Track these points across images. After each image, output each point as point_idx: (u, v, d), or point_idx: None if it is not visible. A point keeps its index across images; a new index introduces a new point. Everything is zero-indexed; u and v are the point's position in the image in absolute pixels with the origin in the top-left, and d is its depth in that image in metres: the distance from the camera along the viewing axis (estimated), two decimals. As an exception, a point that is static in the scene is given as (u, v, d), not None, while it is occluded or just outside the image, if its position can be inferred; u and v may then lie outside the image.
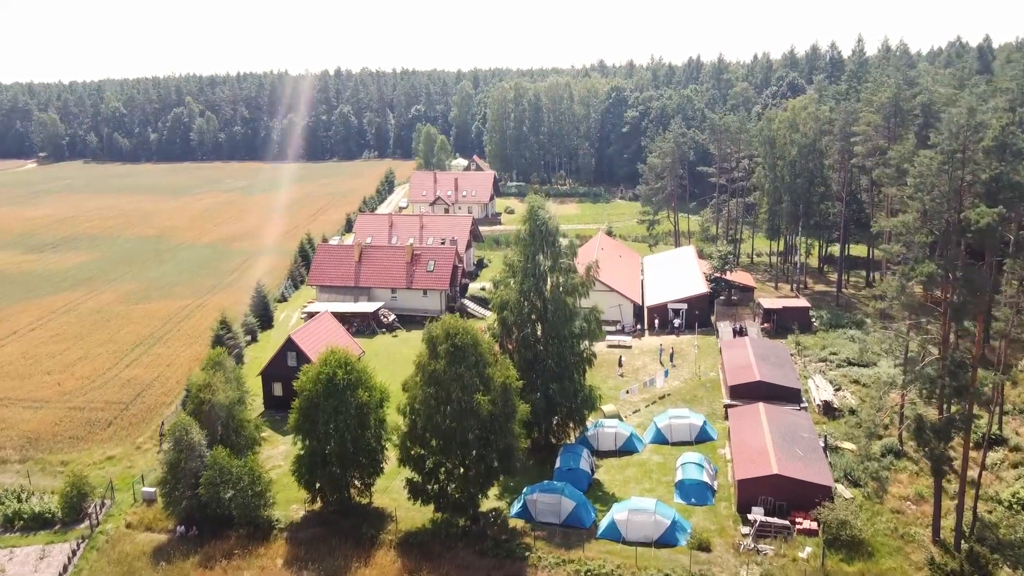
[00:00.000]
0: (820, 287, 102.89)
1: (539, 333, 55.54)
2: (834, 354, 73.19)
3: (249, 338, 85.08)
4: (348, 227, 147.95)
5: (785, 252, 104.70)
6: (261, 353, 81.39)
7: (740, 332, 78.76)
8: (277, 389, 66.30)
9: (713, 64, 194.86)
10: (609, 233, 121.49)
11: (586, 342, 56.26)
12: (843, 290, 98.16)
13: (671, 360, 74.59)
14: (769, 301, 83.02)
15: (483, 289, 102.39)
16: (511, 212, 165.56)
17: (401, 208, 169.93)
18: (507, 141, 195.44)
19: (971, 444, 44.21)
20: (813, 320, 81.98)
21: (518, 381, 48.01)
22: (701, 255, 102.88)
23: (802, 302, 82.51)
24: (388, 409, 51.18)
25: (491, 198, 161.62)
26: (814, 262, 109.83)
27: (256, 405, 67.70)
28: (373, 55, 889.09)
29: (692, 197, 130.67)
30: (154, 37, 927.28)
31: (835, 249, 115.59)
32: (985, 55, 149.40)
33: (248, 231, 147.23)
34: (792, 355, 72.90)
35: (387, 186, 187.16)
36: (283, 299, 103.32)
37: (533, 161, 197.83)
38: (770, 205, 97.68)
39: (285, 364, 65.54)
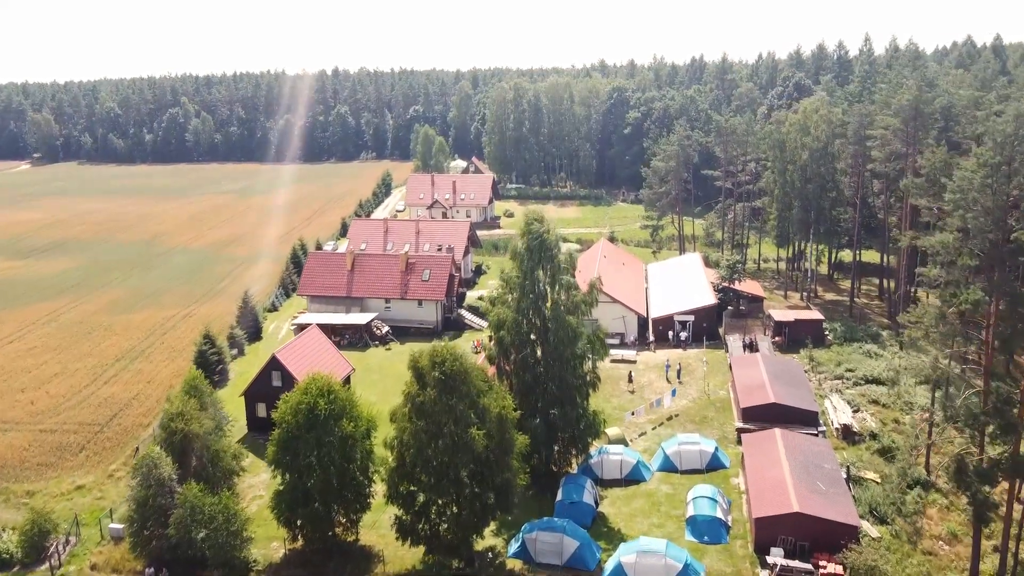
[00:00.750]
0: (831, 295, 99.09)
1: (539, 354, 51.69)
2: (851, 371, 69.33)
3: (236, 351, 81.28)
4: (344, 231, 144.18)
5: (794, 259, 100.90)
6: (248, 368, 77.53)
7: (751, 347, 74.94)
8: (261, 410, 62.49)
9: (717, 64, 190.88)
10: (611, 239, 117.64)
11: (590, 363, 52.41)
12: (855, 299, 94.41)
13: (678, 377, 70.77)
14: (780, 313, 79.21)
15: (481, 298, 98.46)
16: (510, 215, 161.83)
17: (398, 211, 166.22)
18: (506, 143, 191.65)
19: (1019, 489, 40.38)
20: (827, 333, 78.15)
21: (515, 411, 44.21)
22: (707, 262, 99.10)
23: (815, 314, 78.68)
24: (377, 439, 47.36)
25: (490, 201, 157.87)
26: (823, 269, 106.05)
27: (239, 427, 64.04)
28: (371, 54, 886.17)
29: (697, 201, 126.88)
30: (150, 36, 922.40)
31: (845, 255, 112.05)
32: (1000, 54, 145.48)
33: (242, 235, 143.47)
34: (806, 372, 69.10)
35: (384, 188, 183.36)
36: (274, 308, 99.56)
37: (533, 163, 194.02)
38: (779, 211, 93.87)
39: (269, 384, 61.72)
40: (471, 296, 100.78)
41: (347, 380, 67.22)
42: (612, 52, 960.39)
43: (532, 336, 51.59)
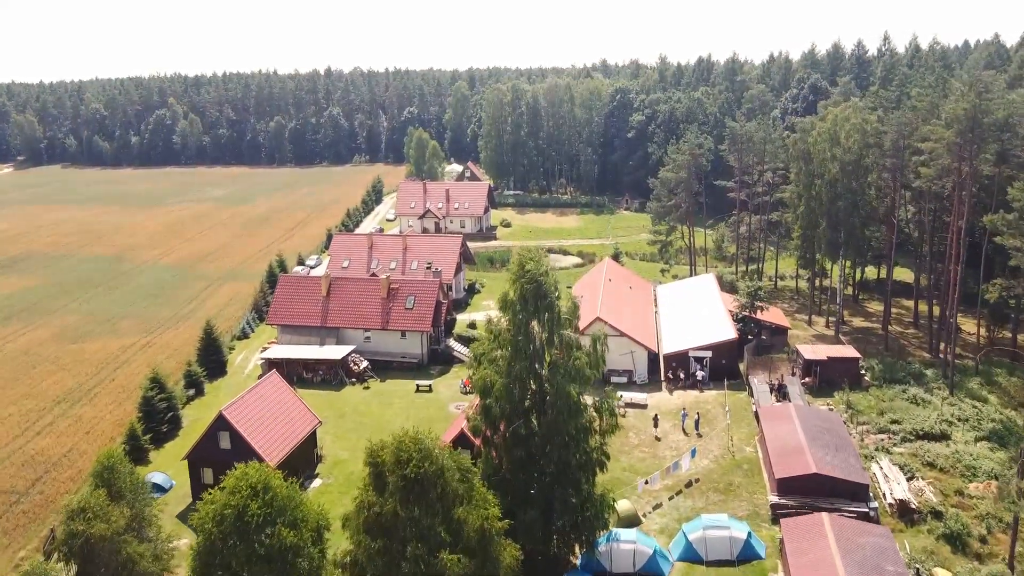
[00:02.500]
0: (859, 320, 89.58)
1: (535, 425, 42.23)
2: (896, 423, 59.82)
3: (193, 392, 71.76)
4: (330, 243, 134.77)
5: (816, 275, 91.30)
6: (205, 414, 68.04)
7: (779, 391, 65.49)
8: (208, 475, 52.93)
9: (726, 64, 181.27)
10: (616, 256, 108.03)
11: (597, 439, 42.97)
12: (889, 326, 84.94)
13: (696, 428, 61.27)
14: (810, 349, 69.67)
15: (472, 327, 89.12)
16: (507, 226, 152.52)
17: (388, 220, 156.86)
18: (504, 147, 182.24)
19: None
20: (863, 372, 68.69)
21: (501, 521, 34.74)
22: (722, 284, 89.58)
23: (850, 351, 69.16)
24: (333, 539, 37.94)
25: (486, 210, 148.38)
26: (847, 288, 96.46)
27: (183, 494, 54.61)
28: (365, 54, 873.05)
29: (709, 211, 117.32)
30: (137, 36, 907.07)
31: (870, 271, 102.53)
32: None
33: (217, 249, 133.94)
34: (845, 422, 59.70)
35: (374, 196, 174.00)
36: (244, 335, 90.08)
37: (531, 168, 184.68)
38: (803, 230, 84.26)
39: (216, 446, 52.23)
40: (462, 320, 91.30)
41: (314, 434, 57.80)
42: (614, 51, 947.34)
43: (526, 403, 42.12)
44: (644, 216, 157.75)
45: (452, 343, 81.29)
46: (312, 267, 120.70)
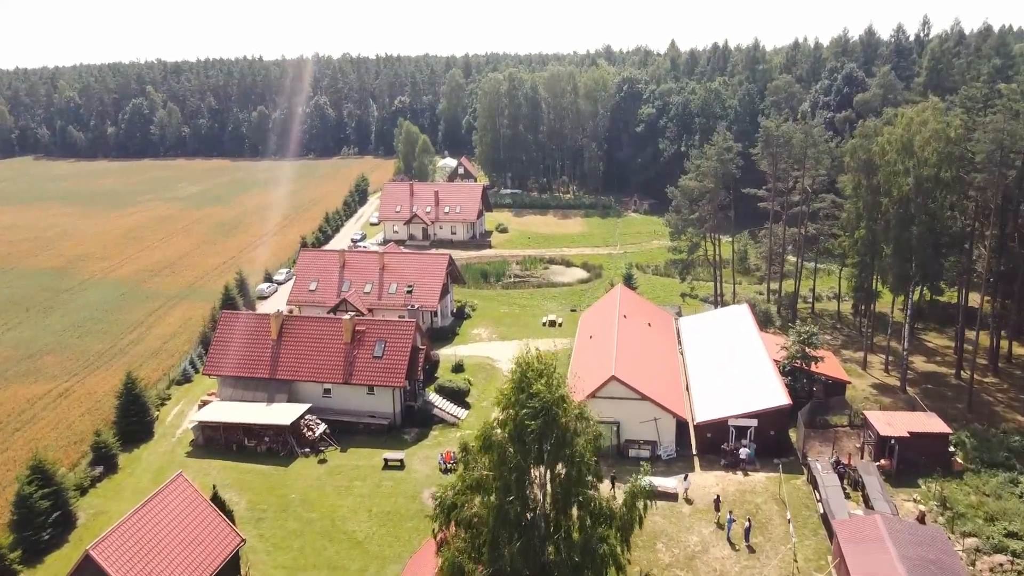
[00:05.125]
0: (919, 361, 74.68)
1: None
2: (1014, 536, 44.99)
3: (100, 470, 56.78)
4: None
5: (870, 310, 76.21)
6: (112, 504, 53.29)
7: (852, 482, 50.64)
8: (80, 630, 38.13)
9: (746, 51, 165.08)
10: (628, 280, 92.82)
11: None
12: (962, 373, 70.17)
13: (747, 539, 46.41)
14: (883, 419, 54.61)
15: (460, 369, 74.21)
16: (504, 231, 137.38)
17: (372, 224, 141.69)
18: (500, 141, 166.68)
19: None
20: (953, 452, 53.78)
21: None
22: (755, 312, 74.59)
23: (935, 423, 54.08)
24: None
25: (479, 214, 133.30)
26: (895, 313, 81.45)
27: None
28: (353, 39, 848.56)
29: (736, 223, 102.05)
30: (114, 19, 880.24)
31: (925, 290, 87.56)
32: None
33: (177, 259, 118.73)
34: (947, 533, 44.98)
35: (358, 196, 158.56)
36: (185, 379, 75.09)
37: (531, 164, 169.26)
38: (861, 256, 69.19)
39: (87, 594, 37.36)
40: (447, 357, 76.35)
41: (236, 558, 42.93)
42: (620, 36, 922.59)
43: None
44: (655, 220, 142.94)
45: (432, 398, 66.30)
46: (281, 283, 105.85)
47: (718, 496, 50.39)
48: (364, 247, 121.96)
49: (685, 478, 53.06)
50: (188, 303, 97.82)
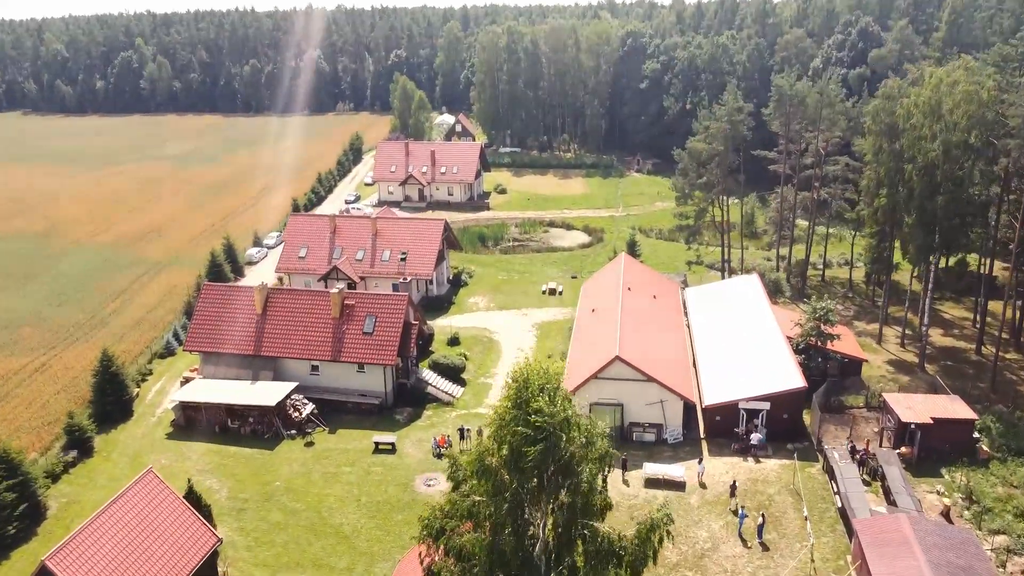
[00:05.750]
0: (937, 334, 71.16)
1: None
2: (1048, 534, 42.01)
3: (75, 454, 53.66)
4: (296, 211, 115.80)
5: (887, 281, 72.41)
6: (85, 491, 50.28)
7: (870, 470, 47.56)
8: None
9: (756, 3, 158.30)
10: (632, 247, 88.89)
11: None
12: (983, 349, 66.88)
13: (760, 535, 43.40)
14: (903, 403, 51.24)
15: (455, 343, 70.85)
16: (502, 192, 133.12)
17: (367, 184, 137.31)
18: (499, 98, 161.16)
19: None
20: (978, 439, 50.59)
21: None
22: (766, 286, 70.92)
23: (960, 408, 50.77)
24: None
25: (477, 174, 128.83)
26: (912, 282, 77.71)
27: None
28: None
29: (744, 185, 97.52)
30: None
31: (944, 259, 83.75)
32: None
33: (164, 223, 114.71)
34: (969, 529, 42.05)
35: (352, 155, 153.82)
36: (169, 352, 71.74)
37: (531, 122, 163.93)
38: (880, 226, 65.30)
39: (46, 607, 34.38)
40: (443, 329, 72.93)
41: (213, 557, 39.93)
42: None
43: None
44: (658, 180, 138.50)
45: (426, 375, 62.97)
46: (271, 248, 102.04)
47: (734, 482, 47.40)
48: (358, 209, 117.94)
49: (700, 462, 50.09)
50: (173, 270, 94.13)
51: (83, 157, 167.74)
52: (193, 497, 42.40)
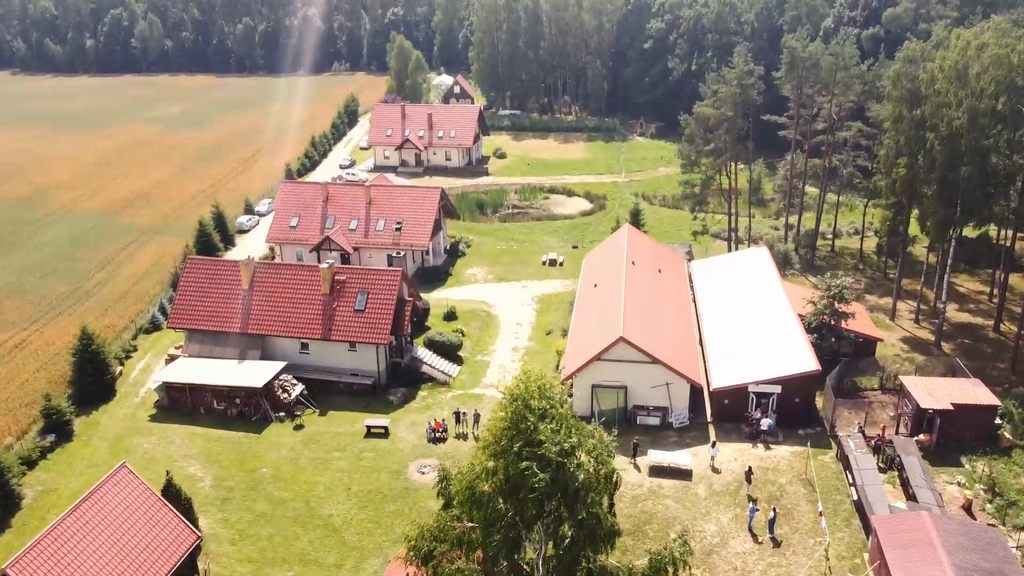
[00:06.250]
0: (952, 310, 68.34)
1: None
2: (1077, 531, 39.75)
3: (52, 439, 51.29)
4: (289, 178, 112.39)
5: (903, 255, 69.47)
6: (62, 480, 47.98)
7: (887, 459, 45.20)
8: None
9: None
10: (635, 217, 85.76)
11: None
12: (1001, 326, 64.27)
13: (771, 530, 41.13)
14: (922, 387, 48.65)
15: (452, 317, 68.19)
16: (502, 156, 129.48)
17: (362, 149, 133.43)
18: (498, 58, 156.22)
19: None
20: (999, 425, 48.15)
21: None
22: (776, 259, 68.04)
23: (982, 393, 48.22)
24: None
25: (476, 138, 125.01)
26: (928, 256, 74.71)
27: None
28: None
29: (752, 152, 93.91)
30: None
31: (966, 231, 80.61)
32: None
33: (152, 188, 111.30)
34: (992, 524, 39.88)
35: (347, 118, 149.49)
36: (155, 327, 69.06)
37: (531, 84, 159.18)
38: (898, 198, 62.19)
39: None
40: (439, 302, 70.21)
41: (193, 555, 37.67)
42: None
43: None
44: (662, 144, 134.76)
45: (421, 353, 60.34)
46: (263, 216, 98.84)
47: (750, 468, 45.11)
48: (353, 174, 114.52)
49: (712, 445, 47.80)
50: (162, 238, 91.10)
51: (71, 119, 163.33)
52: (172, 491, 40.07)
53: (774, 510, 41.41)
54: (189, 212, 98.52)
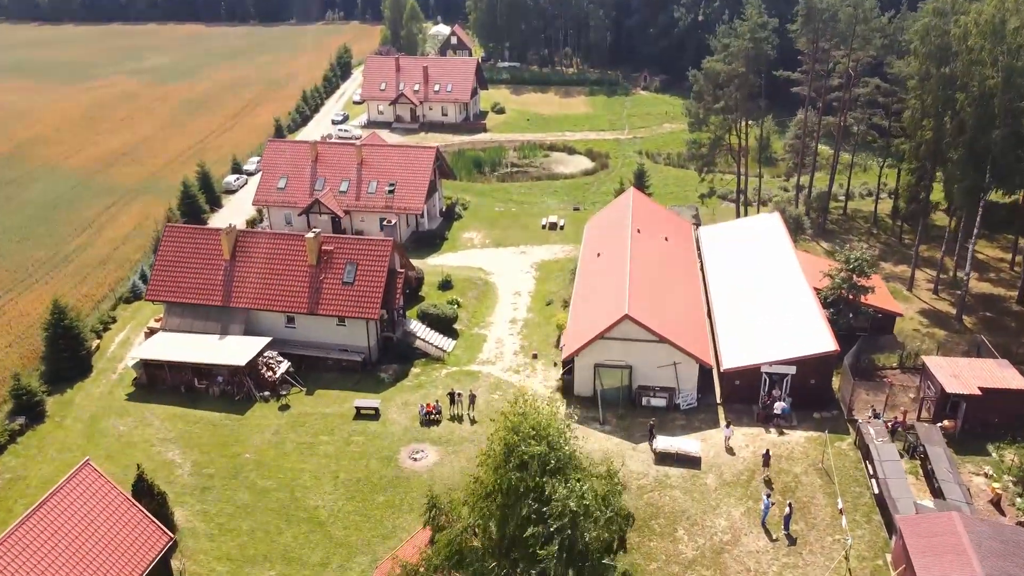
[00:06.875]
0: (972, 279, 65.03)
1: None
2: (1113, 529, 37.00)
3: (22, 421, 48.40)
4: (279, 134, 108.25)
5: (924, 222, 65.90)
6: (32, 465, 45.22)
7: (909, 447, 42.39)
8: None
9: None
10: (640, 179, 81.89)
11: None
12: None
13: (786, 527, 38.46)
14: (948, 372, 45.51)
15: (447, 286, 64.92)
16: (500, 111, 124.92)
17: (355, 103, 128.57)
18: (497, 7, 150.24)
19: None
20: (1028, 408, 45.24)
21: None
22: (787, 223, 64.47)
23: (1011, 376, 45.13)
24: None
25: (474, 92, 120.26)
26: (941, 216, 71.11)
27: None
28: None
29: (767, 104, 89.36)
30: None
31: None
32: None
33: (137, 145, 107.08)
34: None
35: (340, 70, 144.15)
36: (135, 296, 65.76)
37: (531, 35, 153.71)
38: (923, 163, 58.40)
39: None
40: (433, 270, 66.86)
41: (166, 558, 34.98)
42: None
43: None
44: (667, 99, 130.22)
45: (414, 327, 57.16)
46: (251, 175, 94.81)
47: (767, 452, 42.39)
48: (346, 130, 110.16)
49: (727, 426, 45.05)
50: (146, 199, 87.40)
51: (55, 70, 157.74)
52: (144, 485, 37.25)
53: (790, 505, 38.66)
54: (175, 170, 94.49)
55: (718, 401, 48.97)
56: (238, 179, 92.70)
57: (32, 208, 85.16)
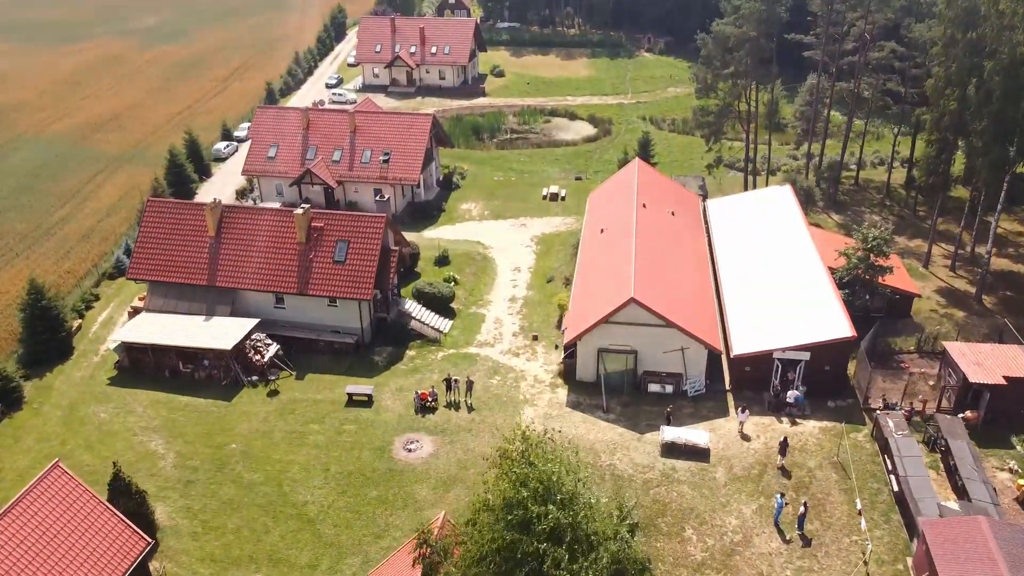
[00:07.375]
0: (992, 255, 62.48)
1: None
2: None
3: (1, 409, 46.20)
4: (271, 99, 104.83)
5: (942, 198, 62.97)
6: (8, 456, 43.10)
7: (929, 439, 40.25)
8: None
9: None
10: (645, 149, 78.79)
11: None
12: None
13: (799, 527, 36.45)
14: (971, 360, 43.09)
15: (444, 262, 62.39)
16: (500, 75, 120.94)
17: (350, 66, 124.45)
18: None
19: None
20: (1055, 398, 42.99)
21: None
22: (799, 196, 61.72)
23: (1036, 363, 42.85)
24: None
25: (472, 55, 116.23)
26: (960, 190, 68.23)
27: None
28: None
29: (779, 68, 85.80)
30: None
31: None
32: None
33: (125, 110, 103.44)
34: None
35: (334, 31, 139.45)
36: (119, 271, 63.12)
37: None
38: (943, 133, 55.43)
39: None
40: (429, 243, 64.25)
41: (144, 562, 32.95)
42: None
43: None
44: (671, 62, 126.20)
45: (409, 307, 54.67)
46: (242, 142, 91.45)
47: (784, 439, 40.26)
48: (340, 95, 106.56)
49: (742, 411, 42.92)
50: (132, 168, 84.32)
51: (39, 30, 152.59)
52: (121, 484, 35.13)
53: (804, 505, 36.60)
54: (163, 138, 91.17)
55: (727, 388, 46.73)
56: (228, 146, 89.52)
57: (14, 178, 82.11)
